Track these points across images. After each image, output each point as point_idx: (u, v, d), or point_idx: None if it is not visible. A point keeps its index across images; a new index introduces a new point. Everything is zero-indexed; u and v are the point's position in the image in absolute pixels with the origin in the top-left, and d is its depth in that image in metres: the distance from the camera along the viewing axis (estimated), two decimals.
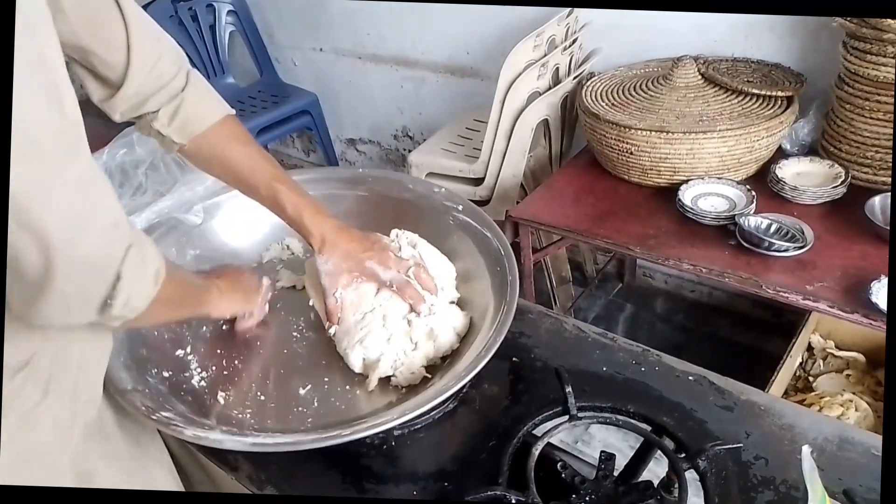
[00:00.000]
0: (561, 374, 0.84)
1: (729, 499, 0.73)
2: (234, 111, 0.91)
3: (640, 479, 0.77)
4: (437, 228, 1.04)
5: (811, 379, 1.71)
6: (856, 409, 1.54)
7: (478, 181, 1.98)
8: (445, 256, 1.01)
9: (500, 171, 1.91)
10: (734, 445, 0.76)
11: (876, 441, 0.78)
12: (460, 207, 1.05)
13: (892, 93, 1.39)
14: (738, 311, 2.05)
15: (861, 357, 1.69)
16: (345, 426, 0.75)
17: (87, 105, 0.67)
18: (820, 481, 0.61)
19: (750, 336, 1.99)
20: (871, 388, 1.64)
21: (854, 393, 1.60)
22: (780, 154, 1.62)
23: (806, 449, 0.63)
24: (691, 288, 2.14)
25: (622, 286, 2.25)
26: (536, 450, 0.77)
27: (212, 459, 0.85)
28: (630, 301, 2.20)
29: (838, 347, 1.74)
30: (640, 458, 0.80)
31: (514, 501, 0.73)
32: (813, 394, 1.64)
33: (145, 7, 2.82)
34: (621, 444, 0.85)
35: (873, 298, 1.16)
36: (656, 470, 0.79)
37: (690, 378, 0.88)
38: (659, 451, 0.78)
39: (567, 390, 0.83)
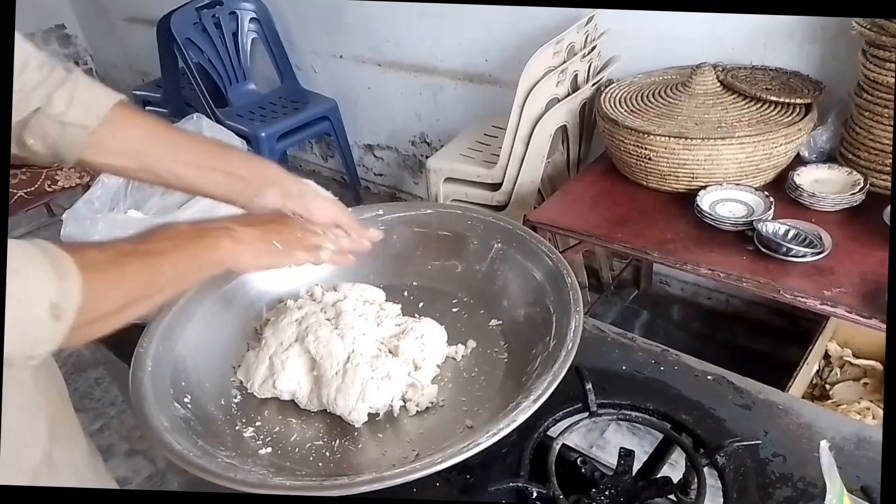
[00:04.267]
0: (581, 371, 0.86)
1: (747, 494, 0.73)
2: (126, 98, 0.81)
3: (658, 476, 0.78)
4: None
5: (828, 387, 1.71)
6: (873, 417, 1.54)
7: (495, 186, 2.00)
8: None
9: (517, 176, 1.93)
10: (753, 442, 0.77)
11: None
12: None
13: None
14: (754, 318, 2.05)
15: (878, 365, 1.69)
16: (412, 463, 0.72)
17: None
18: (838, 475, 0.62)
19: (767, 343, 1.98)
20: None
21: (871, 401, 1.60)
22: (799, 161, 1.63)
23: (824, 444, 0.64)
24: (708, 295, 2.14)
25: (638, 293, 2.25)
26: (557, 444, 0.79)
27: None
28: (646, 308, 2.20)
29: (855, 356, 1.74)
30: (658, 456, 0.81)
31: (535, 494, 0.74)
32: (830, 402, 1.64)
33: (168, 15, 2.85)
34: (637, 449, 0.86)
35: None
36: (672, 474, 0.79)
37: (709, 377, 0.89)
38: (678, 449, 0.79)
39: (587, 387, 0.85)
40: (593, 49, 1.89)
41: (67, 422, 0.77)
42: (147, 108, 3.09)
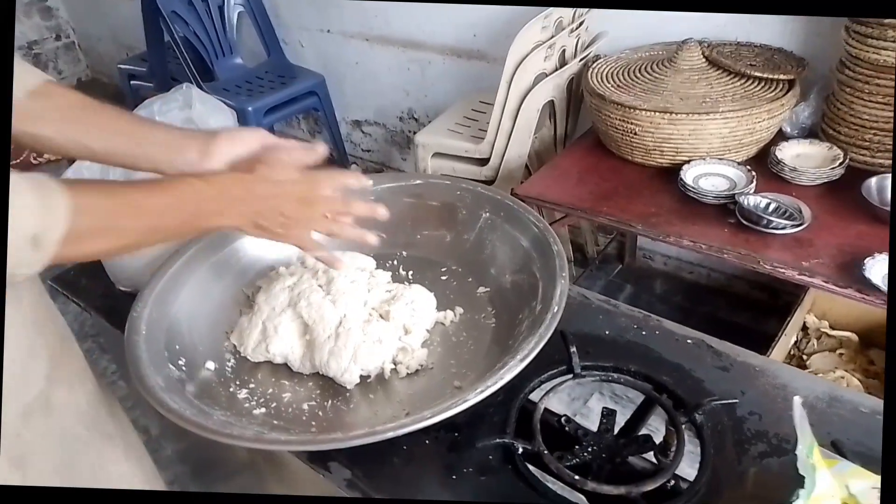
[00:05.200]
0: (566, 335, 0.88)
1: (724, 450, 0.77)
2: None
3: (639, 433, 0.81)
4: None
5: (805, 357, 1.75)
6: (847, 386, 1.59)
7: (483, 161, 2.01)
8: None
9: (505, 151, 1.94)
10: (730, 401, 0.80)
11: (863, 399, 0.82)
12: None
13: (892, 76, 1.42)
14: (735, 292, 2.09)
15: (854, 336, 1.73)
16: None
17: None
18: (809, 429, 0.65)
19: (747, 316, 2.03)
20: (862, 367, 1.68)
21: (846, 370, 1.64)
22: (781, 136, 1.65)
23: (797, 399, 0.67)
24: (690, 269, 2.18)
25: (622, 267, 2.28)
26: (542, 404, 0.81)
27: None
28: (629, 282, 2.24)
29: (832, 327, 1.78)
30: (639, 417, 0.84)
31: (521, 450, 0.77)
32: (807, 371, 1.69)
33: None
34: (619, 417, 0.89)
35: (867, 274, 1.20)
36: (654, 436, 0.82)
37: (689, 341, 0.92)
38: (658, 415, 0.82)
39: (571, 350, 0.88)
40: (581, 24, 1.90)
41: (70, 364, 0.80)
42: (133, 81, 3.06)
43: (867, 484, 0.63)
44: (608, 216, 1.54)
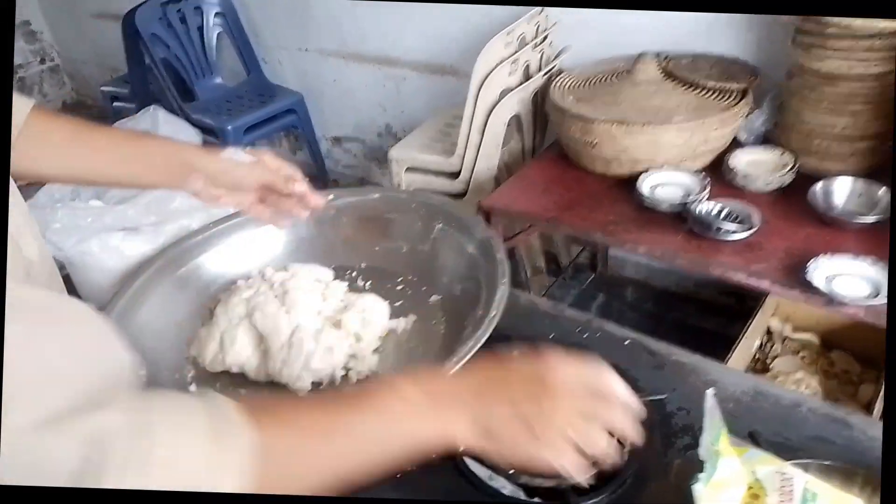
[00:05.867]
0: (510, 336, 0.93)
1: (652, 442, 0.81)
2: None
3: None
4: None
5: (769, 361, 1.80)
6: (806, 387, 1.63)
7: (454, 175, 2.06)
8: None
9: (475, 165, 1.99)
10: (659, 397, 0.85)
11: (785, 394, 0.87)
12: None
13: (836, 85, 1.48)
14: (703, 298, 2.14)
15: (815, 339, 1.78)
16: None
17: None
18: (720, 419, 0.70)
19: (715, 322, 2.07)
20: (823, 369, 1.73)
21: (807, 373, 1.69)
22: (738, 144, 1.71)
23: (710, 391, 0.71)
24: (660, 277, 2.23)
25: (595, 276, 2.33)
26: None
27: None
28: (602, 290, 2.28)
29: (795, 331, 1.83)
30: None
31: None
32: (769, 374, 1.73)
33: (132, 11, 2.86)
34: None
35: (808, 277, 1.25)
36: None
37: (626, 342, 0.97)
38: None
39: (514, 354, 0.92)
40: (545, 39, 1.96)
41: None
42: (115, 103, 3.11)
43: (772, 468, 0.67)
44: (569, 225, 1.59)
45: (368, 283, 1.11)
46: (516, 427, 0.56)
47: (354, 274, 1.13)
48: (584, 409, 0.56)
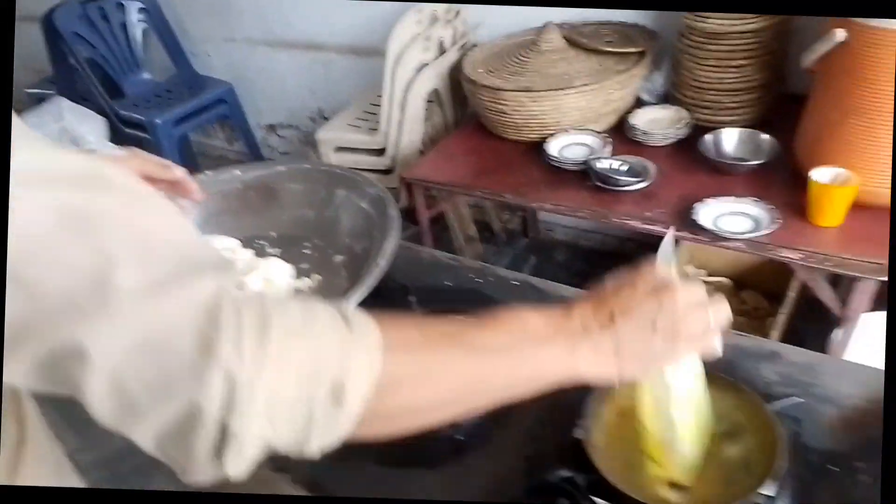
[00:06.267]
0: (407, 286, 1.01)
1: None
2: None
3: None
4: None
5: None
6: None
7: (381, 152, 2.12)
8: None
9: (398, 140, 2.06)
10: None
11: None
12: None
13: (720, 42, 1.58)
14: (626, 252, 2.25)
15: (727, 280, 1.90)
16: None
17: None
18: (672, 252, 0.68)
19: None
20: (735, 307, 1.85)
21: None
22: (642, 104, 1.81)
23: (671, 228, 0.78)
24: (586, 237, 2.33)
25: (527, 241, 2.42)
26: None
27: None
28: (533, 254, 2.38)
29: (709, 274, 1.95)
30: None
31: None
32: None
33: (51, 11, 2.83)
34: None
35: (694, 217, 1.35)
36: None
37: (514, 283, 1.05)
38: None
39: (411, 299, 1.00)
40: (457, 15, 2.03)
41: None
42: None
43: None
44: (484, 189, 1.67)
45: (279, 250, 1.17)
46: (652, 336, 0.56)
47: (263, 243, 1.18)
48: (691, 297, 0.58)
